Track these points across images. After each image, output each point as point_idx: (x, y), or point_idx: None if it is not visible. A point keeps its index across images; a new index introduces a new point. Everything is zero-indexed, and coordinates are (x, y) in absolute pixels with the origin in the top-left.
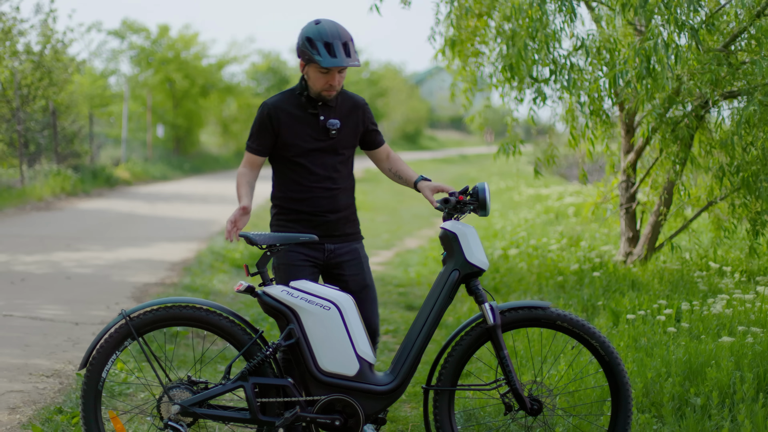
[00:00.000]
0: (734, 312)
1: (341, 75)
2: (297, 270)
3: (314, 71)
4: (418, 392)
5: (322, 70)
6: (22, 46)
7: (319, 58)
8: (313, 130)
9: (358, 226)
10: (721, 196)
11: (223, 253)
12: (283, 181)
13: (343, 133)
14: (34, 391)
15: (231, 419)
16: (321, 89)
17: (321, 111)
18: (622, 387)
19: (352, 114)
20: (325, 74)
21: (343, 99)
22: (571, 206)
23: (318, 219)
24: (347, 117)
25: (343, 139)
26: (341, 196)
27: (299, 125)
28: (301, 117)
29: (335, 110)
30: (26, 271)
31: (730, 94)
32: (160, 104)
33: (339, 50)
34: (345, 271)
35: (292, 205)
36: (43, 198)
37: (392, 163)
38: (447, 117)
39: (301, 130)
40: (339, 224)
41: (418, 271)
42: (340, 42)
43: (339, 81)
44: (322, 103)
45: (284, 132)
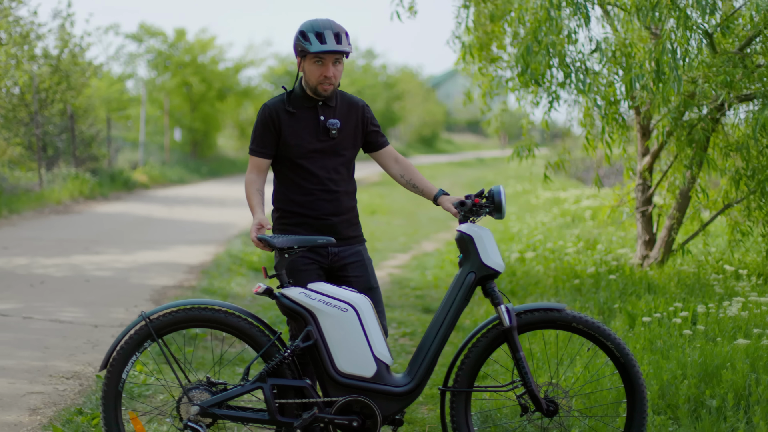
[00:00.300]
0: (750, 315)
1: (336, 68)
2: (303, 274)
3: (309, 64)
4: (435, 394)
5: (316, 60)
6: (40, 50)
7: (309, 45)
8: (313, 130)
9: (360, 229)
10: (738, 199)
11: (240, 256)
12: (284, 185)
13: (344, 133)
14: (54, 393)
15: (250, 420)
16: (317, 82)
17: (321, 111)
18: (637, 388)
19: (352, 114)
20: (320, 66)
21: (342, 100)
22: (588, 209)
23: (320, 222)
24: (347, 117)
25: (343, 140)
26: (343, 199)
27: (300, 125)
28: (301, 117)
29: (335, 110)
30: (45, 274)
31: (746, 97)
32: (178, 108)
33: (330, 38)
34: (349, 273)
35: (294, 209)
36: (61, 201)
37: (405, 170)
38: (464, 120)
39: (302, 130)
40: (341, 227)
41: (435, 274)
42: (331, 32)
43: (334, 73)
44: (322, 103)
45: (285, 132)
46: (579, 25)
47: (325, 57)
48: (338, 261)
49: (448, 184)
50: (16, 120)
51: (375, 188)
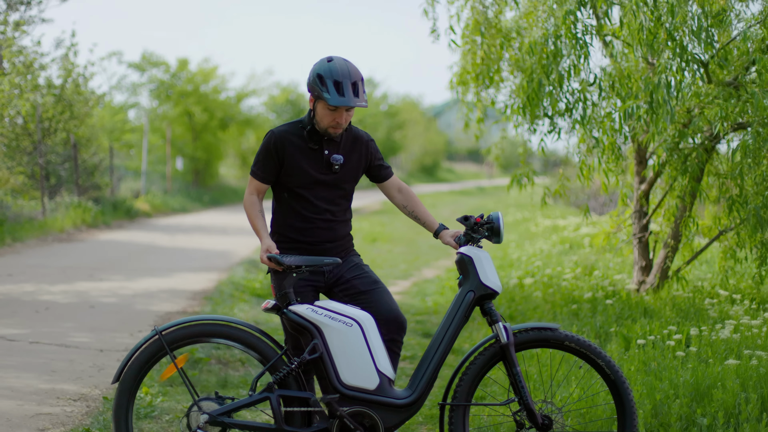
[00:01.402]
0: (741, 336)
1: (348, 114)
2: (300, 295)
3: (322, 108)
4: (435, 414)
5: (330, 108)
6: (43, 79)
7: (327, 96)
8: (316, 164)
9: (352, 247)
10: (731, 226)
11: (243, 283)
12: (284, 210)
13: (346, 168)
14: (62, 414)
15: (257, 428)
16: (328, 126)
17: (325, 145)
18: (627, 403)
19: (356, 149)
20: (333, 112)
21: (348, 134)
22: (586, 237)
23: (317, 248)
24: (350, 152)
25: (345, 174)
26: (339, 227)
27: (303, 157)
28: (306, 150)
29: (339, 145)
30: (50, 300)
31: (739, 125)
32: (180, 137)
33: (348, 90)
34: (347, 276)
35: (292, 234)
36: (64, 230)
37: (408, 200)
38: (465, 149)
39: (305, 162)
40: (335, 251)
41: (435, 300)
42: (349, 81)
43: (346, 119)
44: (327, 138)
45: (288, 162)
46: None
47: (340, 107)
48: (333, 277)
49: (448, 212)
50: (19, 149)
51: (376, 216)
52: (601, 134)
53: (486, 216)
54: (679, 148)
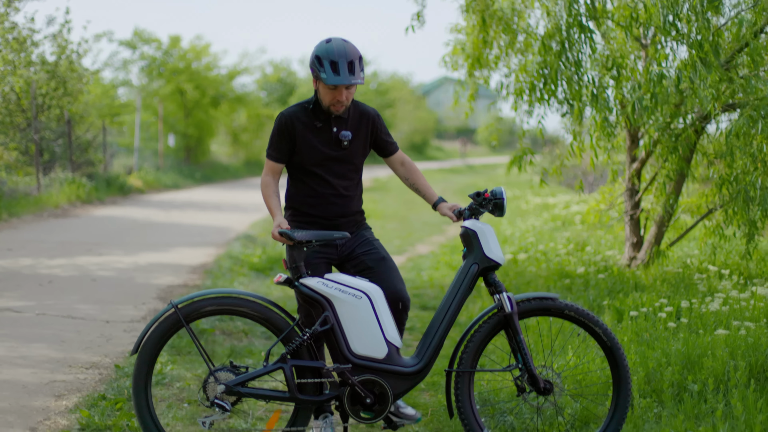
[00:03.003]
0: (730, 309)
1: (349, 91)
2: (314, 267)
3: (323, 87)
4: (437, 381)
5: (330, 87)
6: (36, 56)
7: (324, 75)
8: (326, 141)
9: (364, 219)
10: (720, 204)
11: (241, 257)
12: (298, 187)
13: (355, 144)
14: (76, 381)
15: (272, 397)
16: (329, 104)
17: (333, 123)
18: (622, 369)
19: (363, 125)
20: (333, 90)
21: (355, 110)
22: (577, 214)
23: (329, 222)
24: (358, 128)
25: (354, 150)
26: (351, 203)
27: (313, 136)
28: (315, 128)
29: (347, 122)
30: (52, 274)
31: (730, 106)
32: (172, 114)
33: (343, 68)
34: (357, 251)
35: (305, 209)
36: (59, 205)
37: (409, 173)
38: (454, 127)
39: (315, 140)
40: (348, 227)
41: (430, 274)
42: (345, 60)
43: (347, 96)
44: (335, 116)
45: (299, 141)
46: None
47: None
48: (346, 250)
49: (439, 190)
50: (13, 125)
51: (368, 193)
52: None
53: (490, 190)
54: (671, 128)
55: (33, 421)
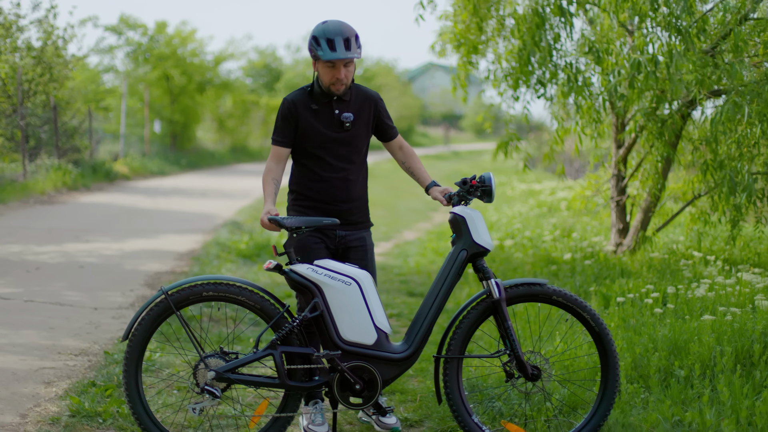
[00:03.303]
0: (716, 295)
1: (347, 69)
2: (313, 251)
3: (322, 66)
4: (425, 368)
5: (328, 65)
6: (22, 42)
7: (321, 52)
8: (328, 123)
9: (368, 215)
10: (705, 190)
11: (228, 244)
12: (301, 171)
13: (357, 125)
14: (65, 368)
15: (262, 384)
16: (329, 83)
17: (335, 105)
18: (610, 355)
19: (365, 107)
20: (331, 68)
21: (357, 93)
22: (563, 200)
23: (332, 207)
24: (360, 110)
25: (357, 132)
26: (354, 187)
27: (315, 119)
28: (318, 111)
29: (349, 104)
30: (39, 261)
31: (715, 92)
32: (158, 100)
33: (339, 45)
34: (350, 256)
35: (308, 193)
36: (45, 192)
37: (406, 157)
38: (439, 114)
39: (318, 123)
40: (351, 212)
41: (417, 261)
42: (341, 38)
43: (345, 74)
44: (337, 98)
45: (302, 124)
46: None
47: (336, 62)
48: (343, 244)
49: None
50: None
51: None
52: (580, 100)
53: (478, 176)
54: (656, 114)
55: (23, 408)
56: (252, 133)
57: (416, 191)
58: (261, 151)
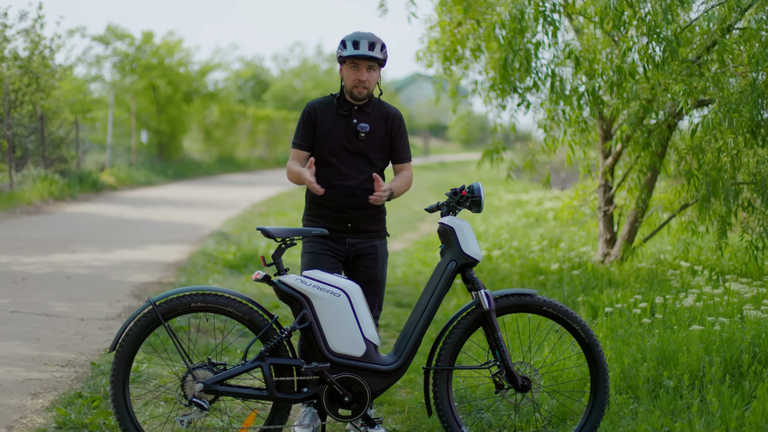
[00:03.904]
0: (704, 305)
1: (371, 74)
2: (319, 258)
3: (346, 69)
4: (413, 379)
5: (352, 65)
6: (9, 51)
7: (344, 50)
8: (344, 130)
9: (383, 224)
10: (693, 200)
11: (215, 254)
12: (316, 179)
13: (371, 137)
14: (51, 379)
15: (250, 396)
16: (352, 86)
17: (355, 114)
18: (600, 366)
19: (383, 122)
20: (355, 70)
21: (379, 108)
22: (550, 210)
23: (341, 215)
24: (378, 124)
25: (371, 143)
26: (364, 197)
27: (333, 124)
28: (337, 117)
29: (369, 116)
30: (26, 272)
31: (702, 102)
32: (144, 110)
33: (364, 45)
34: (360, 263)
35: (318, 200)
36: (32, 202)
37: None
38: (426, 124)
39: (334, 129)
40: (361, 220)
41: (404, 271)
42: (367, 41)
43: (369, 78)
44: (357, 108)
45: (319, 128)
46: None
47: (359, 62)
48: (354, 252)
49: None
50: None
51: None
52: (568, 109)
53: (467, 187)
54: (643, 124)
55: (9, 419)
56: (239, 143)
57: (402, 201)
58: (248, 162)
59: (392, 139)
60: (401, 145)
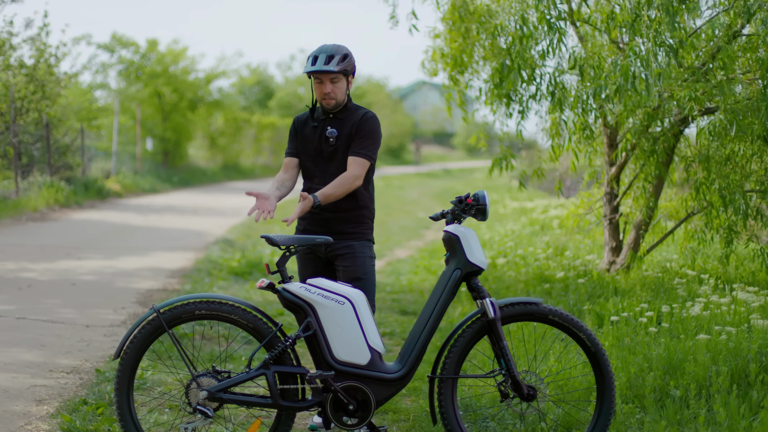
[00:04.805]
0: (711, 314)
1: (334, 85)
2: (303, 263)
3: (314, 83)
4: (418, 387)
5: (317, 80)
6: (15, 59)
7: (306, 66)
8: (317, 138)
9: (362, 227)
10: (698, 209)
11: (220, 261)
12: (303, 186)
13: (341, 141)
14: (57, 386)
15: (254, 404)
16: (320, 98)
17: (328, 122)
18: (606, 375)
19: (350, 124)
20: (320, 84)
21: (352, 113)
22: (556, 218)
23: (316, 216)
24: (348, 127)
25: (341, 147)
26: (341, 201)
27: (309, 133)
28: (312, 127)
29: (342, 122)
30: (32, 278)
31: (708, 110)
32: (149, 118)
33: (321, 60)
34: (339, 263)
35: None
36: (37, 209)
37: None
38: (431, 132)
39: (309, 137)
40: (335, 222)
41: (409, 279)
42: (325, 54)
43: (332, 90)
44: (332, 116)
45: (300, 138)
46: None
47: (322, 76)
48: (331, 252)
49: (416, 194)
50: None
51: None
52: (572, 116)
53: (472, 195)
54: (648, 131)
55: (14, 426)
56: (244, 150)
57: (408, 209)
58: (253, 169)
59: (354, 136)
60: (358, 140)
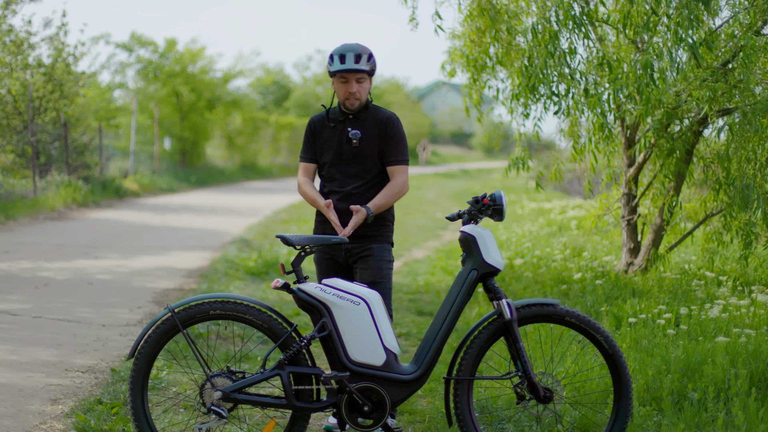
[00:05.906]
0: (730, 316)
1: (360, 85)
2: (323, 267)
3: (337, 83)
4: (434, 388)
5: (341, 80)
6: (33, 59)
7: (332, 65)
8: (339, 139)
9: (383, 230)
10: (718, 209)
11: (237, 261)
12: (321, 188)
13: (365, 143)
14: (72, 385)
15: (269, 404)
16: (344, 98)
17: (349, 123)
18: (623, 377)
19: (376, 126)
20: (344, 84)
21: (374, 113)
22: (573, 219)
23: (339, 220)
24: (371, 129)
25: (364, 149)
26: (361, 202)
27: (330, 135)
28: (332, 128)
29: (364, 123)
30: (48, 277)
31: (727, 110)
32: (167, 117)
33: (349, 59)
34: (358, 266)
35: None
36: (55, 208)
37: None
38: (448, 132)
39: (330, 139)
40: (359, 226)
41: (426, 279)
42: (353, 54)
43: (358, 90)
44: (352, 117)
45: (319, 141)
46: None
47: (348, 75)
48: (351, 256)
49: (433, 194)
50: (9, 128)
51: None
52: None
53: (489, 195)
54: (667, 131)
55: (29, 425)
56: (261, 150)
57: (425, 209)
58: (270, 169)
59: (384, 142)
60: (392, 147)
